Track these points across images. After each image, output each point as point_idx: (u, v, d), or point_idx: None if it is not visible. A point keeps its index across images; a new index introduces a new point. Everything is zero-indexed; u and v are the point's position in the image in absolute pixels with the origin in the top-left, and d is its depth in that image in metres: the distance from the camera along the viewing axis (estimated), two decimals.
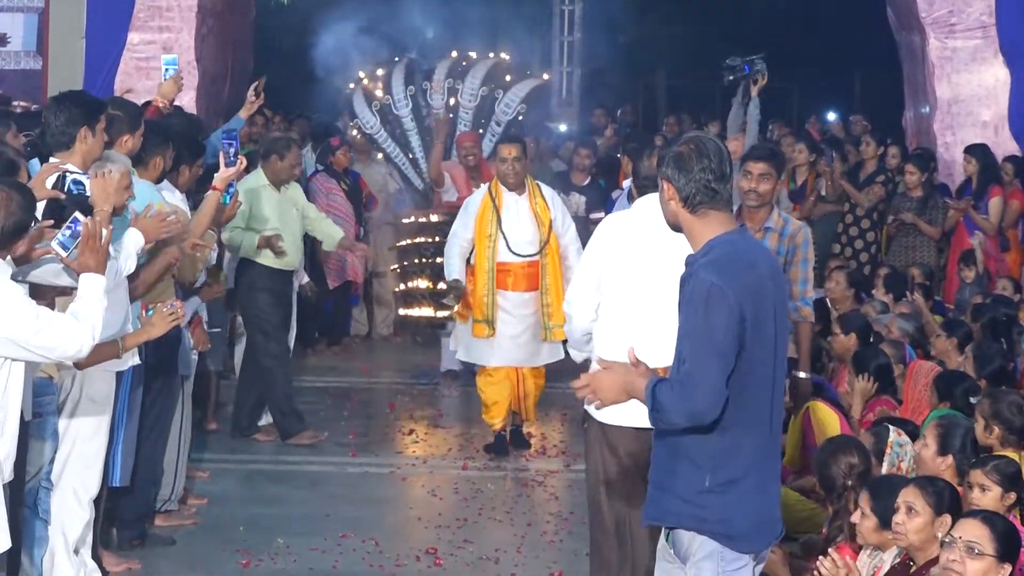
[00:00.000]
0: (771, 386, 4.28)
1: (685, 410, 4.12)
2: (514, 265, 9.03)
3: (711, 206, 4.24)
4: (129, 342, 5.85)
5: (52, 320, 4.78)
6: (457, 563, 7.18)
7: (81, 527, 6.13)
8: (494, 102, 12.71)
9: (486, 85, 12.71)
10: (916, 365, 7.42)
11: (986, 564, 4.48)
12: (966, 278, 10.33)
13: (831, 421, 7.18)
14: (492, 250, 8.99)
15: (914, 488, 5.05)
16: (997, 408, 5.98)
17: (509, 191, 9.03)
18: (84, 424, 6.05)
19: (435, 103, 12.65)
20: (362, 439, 9.63)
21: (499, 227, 8.97)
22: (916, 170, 11.39)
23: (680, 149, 4.29)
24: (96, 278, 4.95)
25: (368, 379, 11.53)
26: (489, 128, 12.67)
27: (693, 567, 4.27)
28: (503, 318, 9.05)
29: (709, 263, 4.17)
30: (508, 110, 12.72)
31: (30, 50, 12.82)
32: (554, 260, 9.05)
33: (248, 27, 14.88)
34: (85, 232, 4.91)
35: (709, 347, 4.09)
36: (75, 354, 4.86)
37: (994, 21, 12.46)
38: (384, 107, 12.75)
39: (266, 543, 7.31)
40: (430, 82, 12.66)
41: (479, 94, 12.67)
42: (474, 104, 12.68)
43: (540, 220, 9.01)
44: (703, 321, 4.10)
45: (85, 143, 6.00)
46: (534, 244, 9.02)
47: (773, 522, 4.36)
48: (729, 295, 4.10)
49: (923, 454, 5.75)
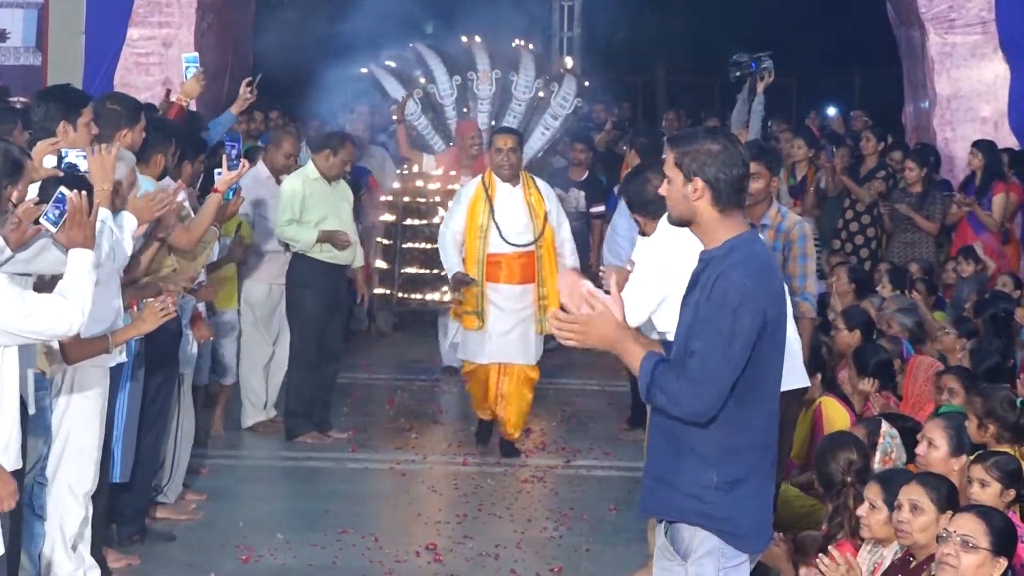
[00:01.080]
0: (777, 389, 4.30)
1: (688, 407, 4.12)
2: (507, 256, 8.93)
3: (736, 203, 4.23)
4: (119, 337, 5.84)
5: (39, 302, 4.76)
6: (457, 559, 7.18)
7: (78, 523, 6.12)
8: (550, 95, 12.41)
9: (540, 77, 12.42)
10: (916, 361, 7.42)
11: (981, 558, 4.51)
12: (963, 272, 10.31)
13: (841, 417, 7.18)
14: (483, 240, 8.87)
15: (918, 485, 5.05)
16: (990, 406, 5.94)
17: (503, 182, 8.93)
18: (77, 420, 6.03)
19: (482, 93, 12.31)
20: (362, 435, 9.63)
21: (492, 216, 8.85)
22: (915, 166, 11.38)
23: (712, 147, 4.21)
24: (84, 253, 4.91)
25: (368, 375, 11.52)
26: (543, 121, 12.40)
27: (695, 564, 4.26)
28: (493, 313, 8.93)
29: (739, 264, 4.14)
30: (566, 103, 12.44)
31: (30, 46, 12.82)
32: (550, 252, 8.94)
33: (248, 23, 14.86)
34: (71, 207, 4.88)
35: (727, 350, 4.08)
36: (66, 331, 4.83)
37: (994, 17, 12.45)
38: (428, 95, 12.41)
39: (266, 539, 7.31)
40: (476, 72, 12.35)
41: (534, 86, 12.36)
42: (528, 95, 12.36)
43: (535, 211, 8.92)
44: (730, 322, 4.08)
45: (66, 137, 5.98)
46: (528, 234, 8.91)
47: (770, 522, 4.38)
48: (761, 299, 4.11)
49: (933, 455, 5.67)
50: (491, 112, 12.41)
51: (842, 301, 9.32)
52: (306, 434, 9.30)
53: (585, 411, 10.52)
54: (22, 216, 5.02)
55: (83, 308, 4.83)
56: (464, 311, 9.03)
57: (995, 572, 4.53)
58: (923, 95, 13.17)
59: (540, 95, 12.42)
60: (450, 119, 12.44)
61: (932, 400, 7.07)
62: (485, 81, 12.34)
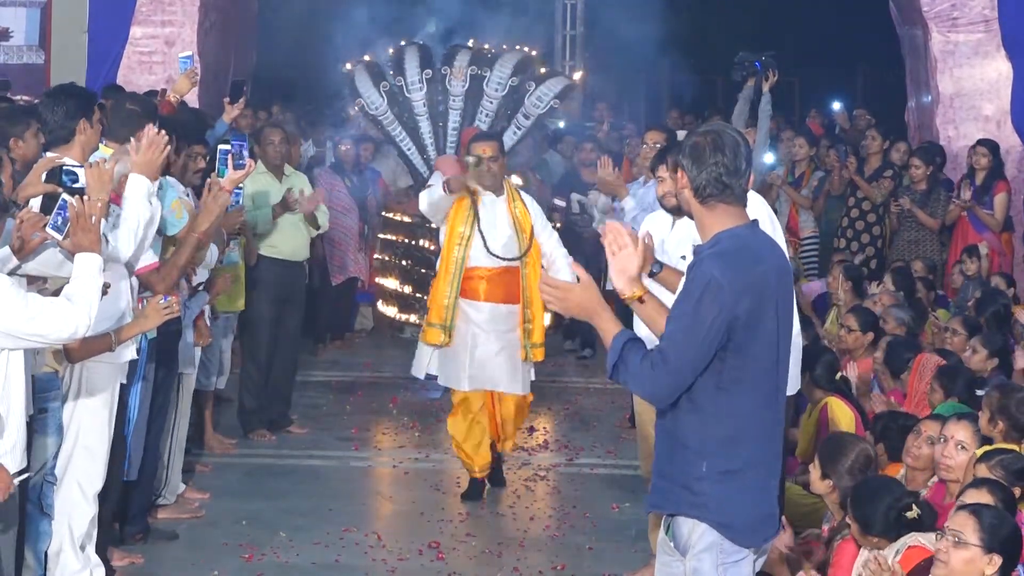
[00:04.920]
0: (773, 382, 4.30)
1: (645, 387, 4.22)
2: (489, 271, 8.05)
3: (721, 199, 4.25)
4: (123, 335, 5.85)
5: (44, 305, 4.76)
6: (460, 557, 7.18)
7: (87, 522, 6.13)
8: (524, 94, 12.20)
9: (516, 76, 12.19)
10: (923, 358, 7.42)
11: (971, 554, 4.53)
12: (967, 270, 10.31)
13: (846, 417, 7.18)
14: (463, 250, 8.01)
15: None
16: (1005, 403, 5.97)
17: (484, 191, 8.10)
18: (86, 418, 6.05)
19: (454, 90, 12.15)
20: (365, 433, 9.65)
21: (476, 225, 8.03)
22: (921, 163, 11.39)
23: (697, 140, 4.29)
24: (91, 257, 4.92)
25: (372, 374, 11.53)
26: (515, 121, 12.23)
27: (693, 558, 4.27)
28: (477, 334, 8.04)
29: (715, 255, 4.19)
30: (540, 103, 12.20)
31: (32, 44, 12.82)
32: (536, 270, 8.07)
33: (251, 21, 14.86)
34: (73, 213, 4.90)
35: (691, 339, 4.12)
36: (71, 335, 4.83)
37: (996, 15, 12.44)
38: (394, 89, 12.22)
39: (269, 537, 7.32)
40: (450, 67, 12.14)
41: (508, 84, 12.14)
42: (500, 94, 12.15)
43: (520, 225, 8.09)
44: (693, 311, 4.12)
45: (84, 135, 6.06)
46: (513, 247, 8.07)
47: (772, 518, 4.38)
48: (726, 291, 4.11)
49: (962, 457, 5.66)
50: (463, 109, 12.23)
51: (844, 299, 9.34)
52: (259, 431, 9.33)
53: (588, 409, 10.53)
54: (24, 227, 5.04)
55: (89, 312, 4.84)
56: (428, 323, 8.16)
57: (987, 569, 4.54)
58: (926, 94, 13.16)
59: (515, 95, 12.21)
60: (420, 114, 12.25)
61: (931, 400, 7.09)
62: (459, 77, 12.11)
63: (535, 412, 9.59)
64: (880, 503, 5.25)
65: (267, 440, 9.27)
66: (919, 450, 5.93)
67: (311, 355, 11.77)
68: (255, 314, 9.24)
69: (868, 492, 5.34)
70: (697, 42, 21.70)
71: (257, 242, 9.19)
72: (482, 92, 12.18)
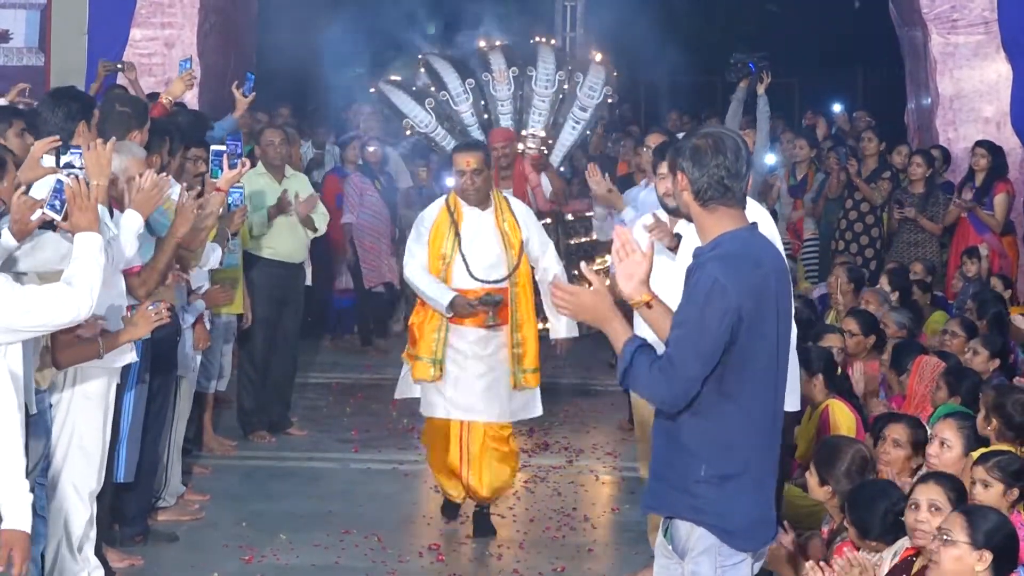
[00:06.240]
0: (773, 385, 4.30)
1: (656, 393, 4.21)
2: (476, 294, 7.43)
3: (721, 202, 4.24)
4: (111, 343, 5.79)
5: (38, 295, 4.72)
6: (459, 559, 7.19)
7: (83, 523, 6.12)
8: (576, 86, 11.68)
9: (562, 69, 11.68)
10: (923, 360, 7.43)
11: (960, 552, 4.55)
12: (968, 271, 10.31)
13: (847, 420, 7.18)
14: (445, 275, 7.43)
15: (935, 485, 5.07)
16: (1001, 401, 5.98)
17: (470, 206, 7.54)
18: (81, 421, 6.01)
19: (500, 94, 11.65)
20: (365, 435, 9.65)
21: (458, 247, 7.46)
22: (923, 162, 11.40)
23: (698, 142, 4.27)
24: (90, 236, 4.88)
25: (372, 375, 11.53)
26: (571, 114, 11.69)
27: (691, 562, 4.27)
28: (458, 360, 7.49)
29: (716, 258, 4.18)
30: (594, 93, 11.70)
31: (32, 46, 12.81)
32: (526, 290, 7.56)
33: (251, 23, 14.86)
34: (69, 192, 4.88)
35: (697, 342, 4.11)
36: (73, 319, 4.78)
37: (996, 17, 12.43)
38: (440, 103, 11.64)
39: (268, 539, 7.32)
40: (490, 72, 11.68)
41: (556, 79, 11.62)
42: (551, 90, 11.62)
43: (508, 241, 7.50)
44: (699, 315, 4.12)
45: (83, 137, 6.07)
46: (500, 268, 7.48)
47: (770, 521, 4.38)
48: (730, 293, 4.11)
49: (947, 455, 5.72)
50: (512, 113, 11.77)
51: (843, 301, 9.34)
52: (259, 432, 9.34)
53: (587, 411, 10.54)
54: (18, 209, 5.04)
55: (92, 292, 4.78)
56: (416, 355, 7.59)
57: (977, 565, 4.55)
58: (925, 95, 13.16)
59: (565, 87, 11.74)
60: (470, 125, 11.69)
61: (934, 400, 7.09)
62: (502, 81, 11.64)
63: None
64: (877, 507, 5.26)
65: (267, 442, 9.29)
66: (887, 455, 5.99)
67: (305, 356, 11.74)
68: (252, 315, 9.21)
69: (865, 497, 5.35)
70: (696, 43, 21.70)
71: (254, 244, 9.18)
72: (531, 92, 11.68)
